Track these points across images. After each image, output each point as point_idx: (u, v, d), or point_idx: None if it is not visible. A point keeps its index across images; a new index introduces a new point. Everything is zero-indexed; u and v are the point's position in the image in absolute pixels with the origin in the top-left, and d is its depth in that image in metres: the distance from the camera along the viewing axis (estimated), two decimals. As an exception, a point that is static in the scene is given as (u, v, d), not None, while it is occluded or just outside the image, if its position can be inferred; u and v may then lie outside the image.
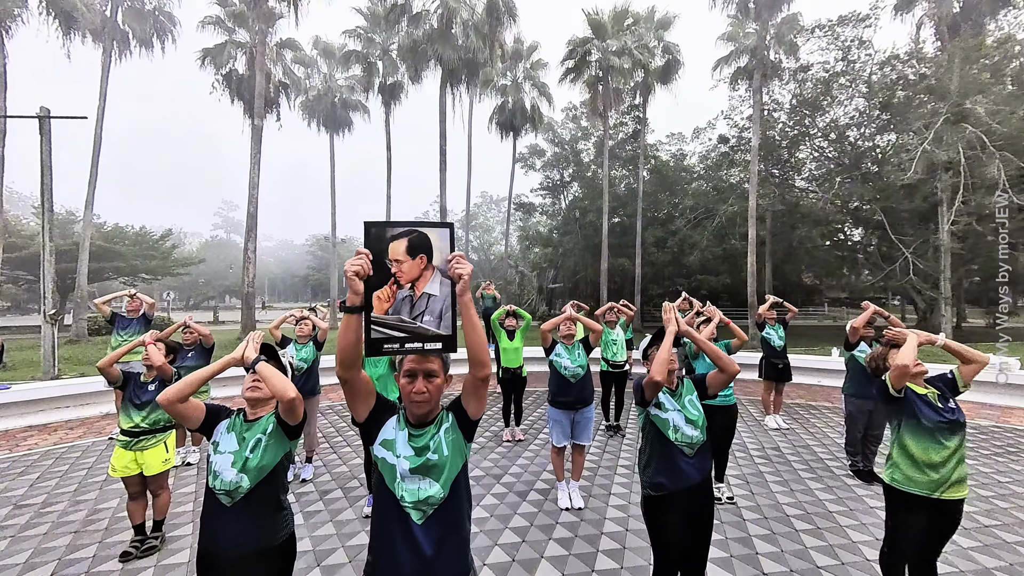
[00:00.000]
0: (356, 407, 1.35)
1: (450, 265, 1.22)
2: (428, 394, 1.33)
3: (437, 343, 1.23)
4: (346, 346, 1.22)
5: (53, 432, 5.74)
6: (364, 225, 1.20)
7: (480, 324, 1.26)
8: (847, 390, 4.22)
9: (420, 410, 1.34)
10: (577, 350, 3.69)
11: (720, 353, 1.92)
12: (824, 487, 4.02)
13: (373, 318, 1.20)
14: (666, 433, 1.97)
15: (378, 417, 1.37)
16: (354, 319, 1.20)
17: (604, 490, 3.93)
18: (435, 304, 1.24)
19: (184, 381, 1.63)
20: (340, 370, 1.26)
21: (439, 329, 1.23)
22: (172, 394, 1.60)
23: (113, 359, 2.91)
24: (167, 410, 1.61)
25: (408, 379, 1.34)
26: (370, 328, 1.20)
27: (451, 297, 1.24)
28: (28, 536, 3.21)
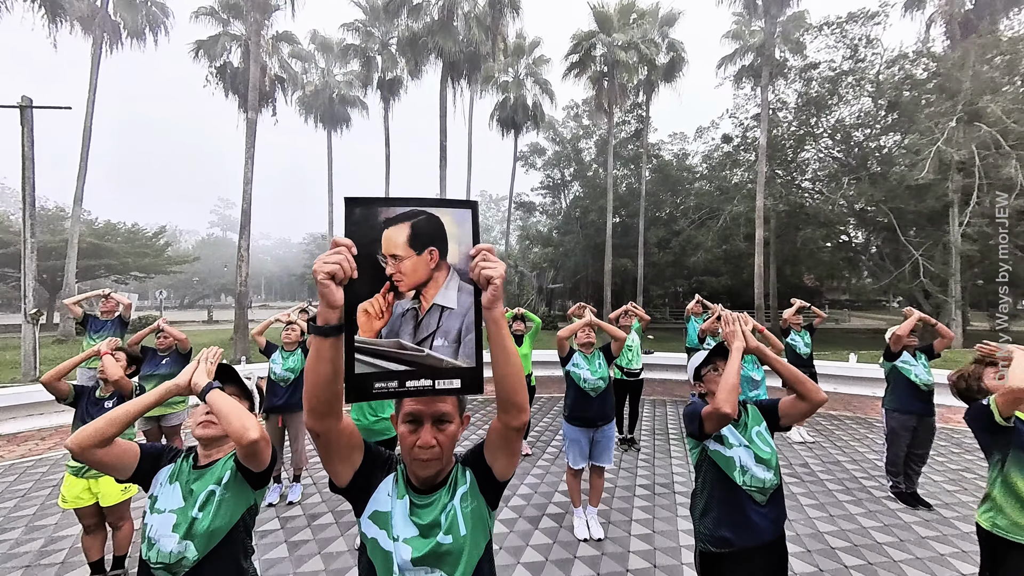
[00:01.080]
0: (335, 468, 0.95)
1: (474, 263, 0.82)
2: (438, 448, 0.93)
3: (454, 380, 0.84)
4: (318, 385, 0.82)
5: (23, 442, 5.31)
6: (345, 203, 0.80)
7: (515, 350, 0.87)
8: (889, 404, 3.84)
9: (427, 471, 0.95)
10: (598, 360, 3.29)
11: (803, 377, 1.53)
12: (865, 512, 3.64)
13: (359, 343, 0.80)
14: (731, 475, 1.58)
15: (367, 479, 0.98)
16: (329, 345, 0.80)
17: (624, 515, 3.54)
18: (451, 321, 0.84)
19: (105, 419, 1.20)
20: (310, 420, 0.86)
21: (457, 359, 0.84)
22: (85, 437, 1.17)
23: (60, 372, 2.50)
24: (81, 459, 1.20)
25: (410, 426, 0.94)
26: (354, 359, 0.80)
27: (475, 311, 0.85)
28: (-31, 573, 2.79)
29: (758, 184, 15.95)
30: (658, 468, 4.51)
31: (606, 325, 3.37)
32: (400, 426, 0.96)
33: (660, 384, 8.56)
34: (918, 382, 3.67)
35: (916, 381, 3.68)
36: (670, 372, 9.05)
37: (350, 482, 0.96)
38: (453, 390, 0.84)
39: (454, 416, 0.97)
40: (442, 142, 16.16)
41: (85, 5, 14.87)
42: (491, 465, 0.99)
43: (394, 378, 0.81)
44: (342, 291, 0.78)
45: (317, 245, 48.17)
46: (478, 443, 1.04)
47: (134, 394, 2.67)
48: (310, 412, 0.85)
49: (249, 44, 14.99)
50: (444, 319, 0.83)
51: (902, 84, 16.17)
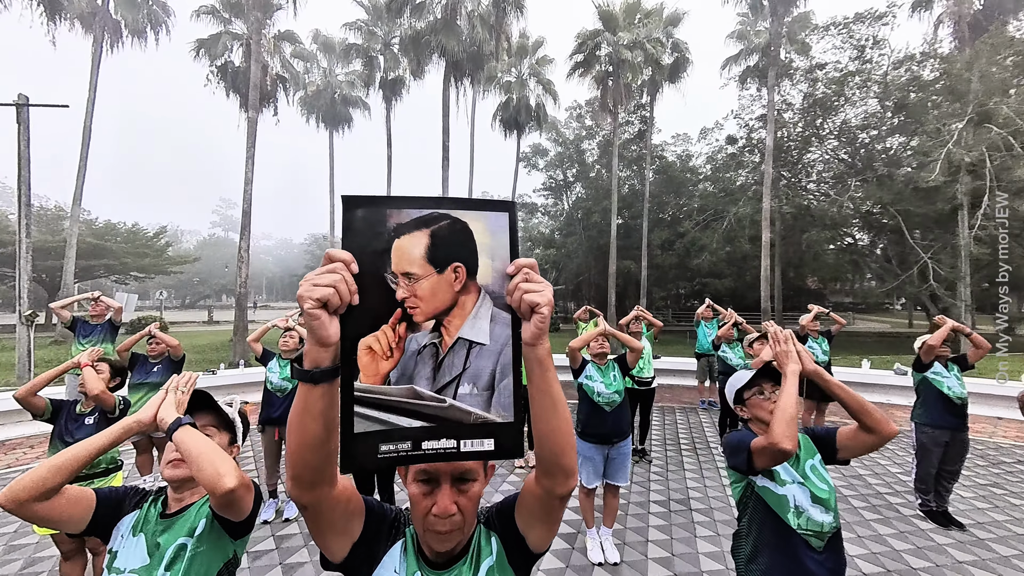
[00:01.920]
0: (327, 543, 0.76)
1: (513, 284, 0.63)
2: (460, 517, 0.74)
3: (486, 440, 0.64)
4: (304, 444, 0.63)
5: (11, 450, 5.13)
6: (344, 204, 0.61)
7: (563, 399, 0.67)
8: (919, 419, 3.64)
9: (445, 544, 0.75)
10: (612, 371, 3.09)
11: (869, 405, 1.34)
12: (895, 532, 3.43)
13: (360, 392, 0.61)
14: (783, 516, 1.38)
15: (370, 551, 0.78)
16: (319, 394, 0.60)
17: (640, 536, 3.34)
18: (483, 361, 0.64)
19: (47, 466, 0.99)
20: (294, 490, 0.66)
21: (490, 411, 0.64)
22: (22, 490, 0.95)
23: (35, 386, 2.31)
24: (18, 515, 1.00)
25: (423, 487, 0.75)
26: (353, 413, 0.60)
27: (513, 348, 0.65)
28: (-61, 600, 2.60)
29: (764, 186, 15.75)
30: (672, 482, 4.30)
31: (622, 335, 3.17)
32: (411, 486, 0.76)
33: (668, 390, 8.35)
34: (951, 395, 3.47)
35: (949, 394, 3.47)
36: (677, 377, 8.85)
37: (347, 556, 0.77)
38: (484, 453, 0.63)
39: (479, 473, 0.78)
40: (444, 142, 15.99)
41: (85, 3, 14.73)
42: (524, 534, 0.79)
43: (406, 438, 0.62)
44: (338, 323, 0.58)
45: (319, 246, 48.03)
46: (506, 501, 0.85)
47: (117, 409, 2.48)
48: (294, 480, 0.65)
49: (250, 43, 14.83)
50: (473, 358, 0.64)
51: (909, 85, 15.99)
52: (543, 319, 0.62)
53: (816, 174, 20.35)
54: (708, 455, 5.07)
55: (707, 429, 6.09)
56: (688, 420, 6.52)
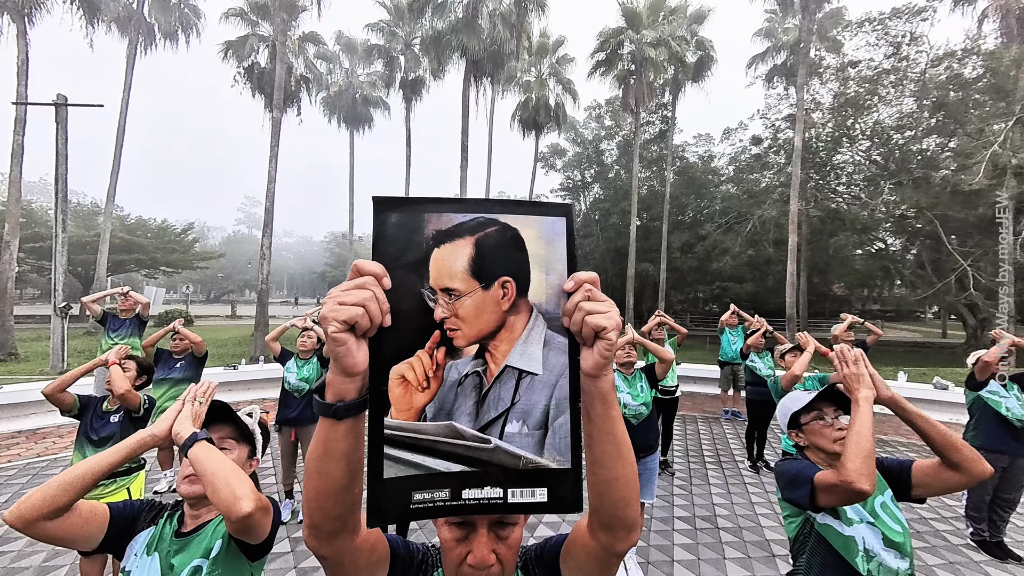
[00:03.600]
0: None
1: (572, 304, 0.52)
2: (498, 567, 0.64)
3: (538, 490, 0.53)
4: (326, 492, 0.53)
5: (41, 440, 5.28)
6: (374, 205, 0.51)
7: (629, 442, 0.56)
8: (973, 441, 3.35)
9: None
10: (640, 382, 2.95)
11: (958, 441, 1.18)
12: (944, 563, 3.18)
13: (392, 430, 0.51)
14: (851, 560, 1.23)
15: None
16: (343, 432, 0.51)
17: (664, 555, 3.18)
18: (535, 395, 0.53)
19: (56, 484, 0.94)
20: (314, 540, 0.57)
21: (542, 456, 0.53)
22: (29, 508, 0.91)
23: (64, 383, 2.32)
24: (27, 534, 0.95)
25: (457, 532, 0.65)
26: (382, 454, 0.50)
27: (570, 380, 0.54)
28: (-33, 589, 2.65)
29: (792, 188, 15.21)
30: (697, 497, 4.12)
31: (651, 344, 3.02)
32: (442, 529, 0.66)
33: (688, 398, 8.09)
34: (1010, 417, 3.19)
35: (1008, 416, 3.20)
36: (698, 385, 8.59)
37: None
38: (536, 506, 0.53)
39: (519, 516, 0.67)
40: (463, 142, 15.99)
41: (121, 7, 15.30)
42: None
43: (445, 485, 0.51)
44: (367, 348, 0.49)
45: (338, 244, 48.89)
46: (549, 546, 0.74)
47: (141, 408, 2.47)
48: (312, 530, 0.55)
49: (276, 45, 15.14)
50: (524, 391, 0.53)
51: (949, 83, 15.20)
52: (609, 346, 0.51)
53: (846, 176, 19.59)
54: (733, 469, 4.85)
55: (731, 441, 5.85)
56: (711, 430, 6.29)
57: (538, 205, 0.55)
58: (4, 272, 11.71)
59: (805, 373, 3.31)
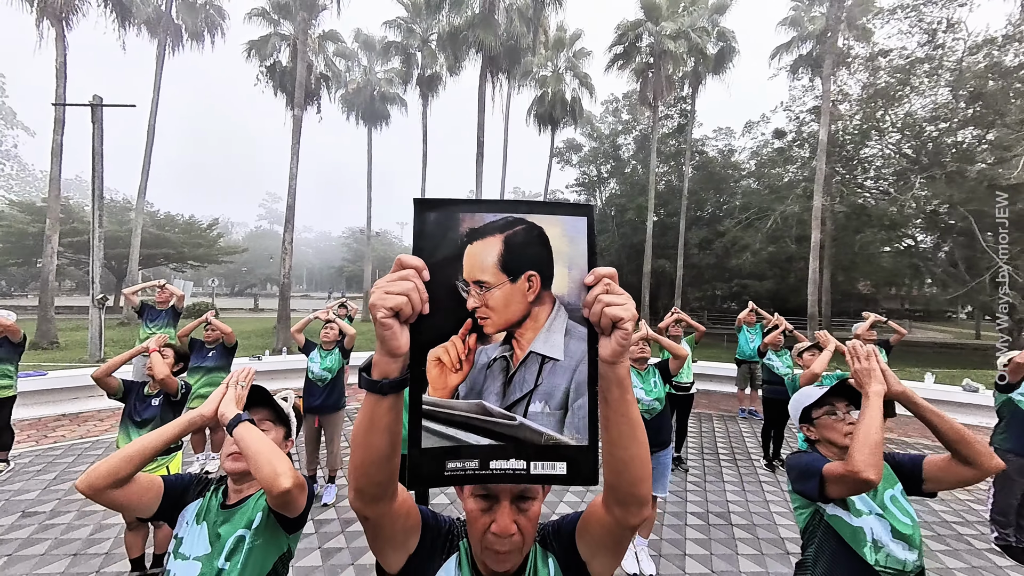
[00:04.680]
0: (385, 554, 0.74)
1: (592, 296, 0.58)
2: (519, 536, 0.70)
3: (558, 464, 0.59)
4: (370, 460, 0.61)
5: (83, 423, 5.62)
6: (415, 207, 0.58)
7: (642, 424, 0.62)
8: (1003, 444, 3.28)
9: (502, 564, 0.72)
10: (653, 378, 2.98)
11: (968, 436, 1.19)
12: (967, 567, 3.12)
13: (428, 405, 0.58)
14: (858, 551, 1.25)
15: (424, 564, 0.76)
16: (387, 407, 0.58)
17: (676, 548, 3.21)
18: (556, 378, 0.60)
19: (121, 455, 1.06)
20: (358, 502, 0.65)
21: (563, 433, 0.59)
22: (97, 478, 1.02)
23: (111, 367, 2.49)
24: (95, 500, 1.06)
25: (482, 503, 0.71)
26: (420, 427, 0.57)
27: (588, 365, 0.60)
28: (25, 556, 2.88)
29: (816, 182, 14.77)
30: (710, 494, 4.12)
31: (666, 341, 3.04)
32: (468, 501, 0.73)
33: (704, 396, 8.02)
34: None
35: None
36: (714, 383, 8.49)
37: (403, 568, 0.75)
38: (556, 478, 0.59)
39: (538, 491, 0.74)
40: (479, 137, 16.05)
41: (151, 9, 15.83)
42: (587, 560, 0.75)
43: (474, 456, 0.58)
44: (408, 332, 0.55)
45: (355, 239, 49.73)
46: (566, 521, 0.80)
47: (179, 392, 2.64)
48: (357, 494, 0.64)
49: (297, 43, 15.46)
50: (546, 375, 0.59)
51: (988, 72, 14.43)
52: (625, 335, 0.56)
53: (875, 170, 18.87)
54: (749, 467, 4.82)
55: (747, 439, 5.80)
56: (727, 428, 6.24)
57: (562, 206, 0.60)
58: (46, 266, 12.37)
59: (824, 372, 3.28)
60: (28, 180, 41.98)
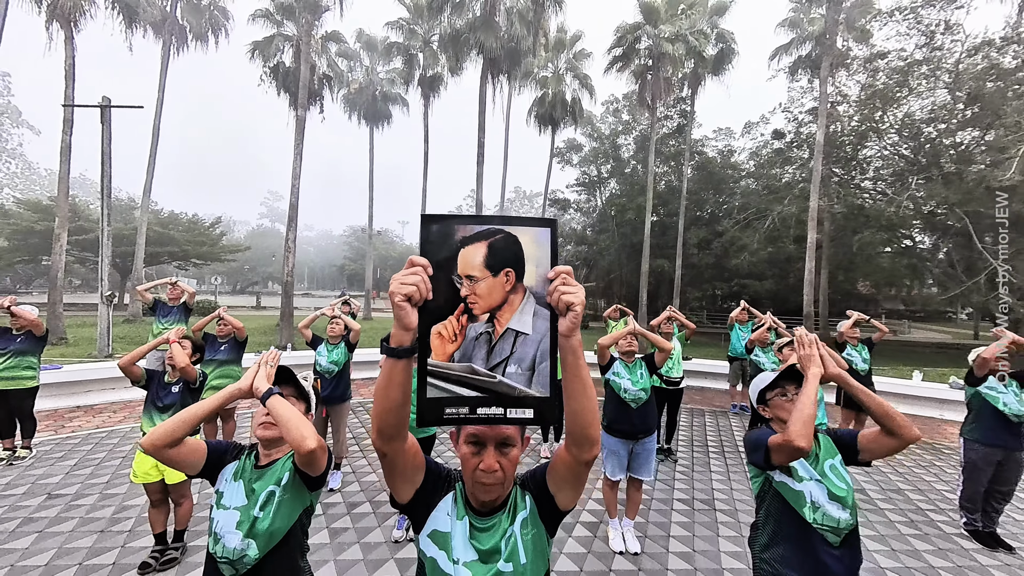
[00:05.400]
0: (397, 486, 0.95)
1: (552, 287, 0.78)
2: (501, 473, 0.90)
3: (526, 409, 0.80)
4: (388, 408, 0.81)
5: (98, 414, 5.84)
6: (422, 220, 0.78)
7: (591, 382, 0.82)
8: (970, 435, 3.48)
9: (489, 495, 0.92)
10: (640, 369, 3.18)
11: (892, 410, 1.39)
12: (934, 549, 3.32)
13: (431, 367, 0.78)
14: (800, 511, 1.46)
15: (428, 497, 0.97)
16: (401, 368, 0.79)
17: (661, 530, 3.42)
18: (526, 348, 0.80)
19: (176, 420, 1.27)
20: (378, 440, 0.86)
21: (531, 387, 0.80)
22: (159, 437, 1.24)
23: (135, 357, 2.70)
24: (154, 457, 1.27)
25: (472, 448, 0.92)
26: (425, 382, 0.78)
27: (550, 338, 0.80)
28: (54, 532, 3.10)
29: (813, 183, 14.92)
30: (697, 482, 4.33)
31: (652, 335, 3.24)
32: (462, 447, 0.93)
33: (698, 393, 8.23)
34: (1007, 412, 3.29)
35: (1005, 411, 3.30)
36: (709, 380, 8.69)
37: (411, 500, 0.95)
38: (525, 420, 0.80)
39: (517, 440, 0.94)
40: (480, 138, 16.23)
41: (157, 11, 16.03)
42: (554, 494, 0.95)
43: (465, 404, 0.79)
44: (416, 313, 0.76)
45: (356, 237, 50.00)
46: (539, 467, 1.01)
47: (198, 380, 2.85)
48: (378, 433, 0.84)
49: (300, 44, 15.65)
50: (519, 345, 0.80)
51: (986, 74, 14.56)
52: (576, 316, 0.76)
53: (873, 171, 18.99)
54: (736, 458, 5.02)
55: (736, 432, 6.00)
56: (718, 423, 6.44)
57: (531, 220, 0.81)
58: (55, 263, 12.60)
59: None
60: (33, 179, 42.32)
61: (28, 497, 3.57)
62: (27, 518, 3.27)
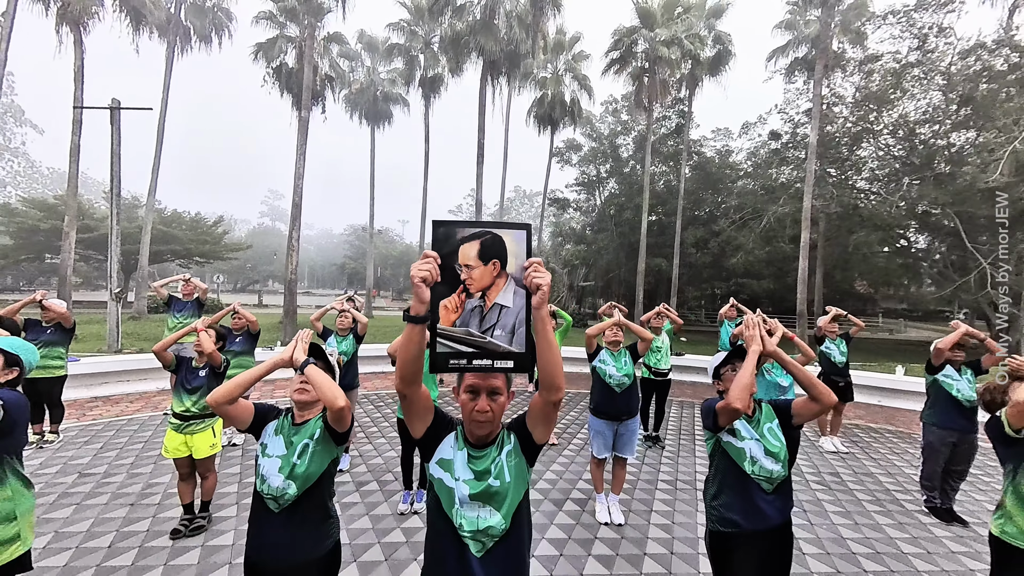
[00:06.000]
0: (413, 423, 1.24)
1: (527, 273, 1.07)
2: (491, 413, 1.20)
3: (508, 361, 1.10)
4: (408, 360, 1.11)
5: (116, 404, 6.14)
6: (432, 225, 1.08)
7: (556, 343, 1.12)
8: (928, 419, 3.78)
9: (481, 431, 1.22)
10: (624, 357, 3.48)
11: (815, 380, 1.68)
12: (894, 523, 3.63)
13: (440, 330, 1.08)
14: (741, 464, 1.76)
15: (436, 433, 1.26)
16: (418, 330, 1.09)
17: (645, 506, 3.72)
18: (507, 317, 1.10)
19: (233, 382, 1.58)
20: (400, 385, 1.16)
21: (511, 345, 1.09)
22: (220, 396, 1.55)
23: (167, 344, 3.00)
24: (216, 411, 1.57)
25: (470, 395, 1.21)
26: (436, 341, 1.08)
27: (526, 310, 1.10)
28: (90, 505, 3.40)
29: (806, 184, 15.21)
30: (681, 465, 4.63)
31: (633, 326, 3.54)
32: (462, 395, 1.23)
33: (690, 387, 8.54)
34: (960, 398, 3.59)
35: (958, 397, 3.60)
36: (701, 375, 8.98)
37: (423, 435, 1.25)
38: (507, 369, 1.10)
39: (504, 390, 1.24)
40: (480, 139, 16.52)
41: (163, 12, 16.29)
42: (532, 431, 1.25)
43: (464, 357, 1.08)
44: (429, 291, 1.05)
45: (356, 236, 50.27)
46: (520, 415, 1.31)
47: (223, 366, 3.15)
48: (401, 379, 1.14)
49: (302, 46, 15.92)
50: (502, 315, 1.09)
51: (978, 76, 14.83)
52: (544, 294, 1.06)
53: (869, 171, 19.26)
54: (721, 446, 5.32)
55: (724, 423, 6.29)
56: (706, 414, 6.74)
57: (513, 224, 1.10)
58: (64, 261, 12.91)
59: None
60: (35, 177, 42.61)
61: (61, 475, 3.87)
62: (63, 493, 3.57)
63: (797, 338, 3.66)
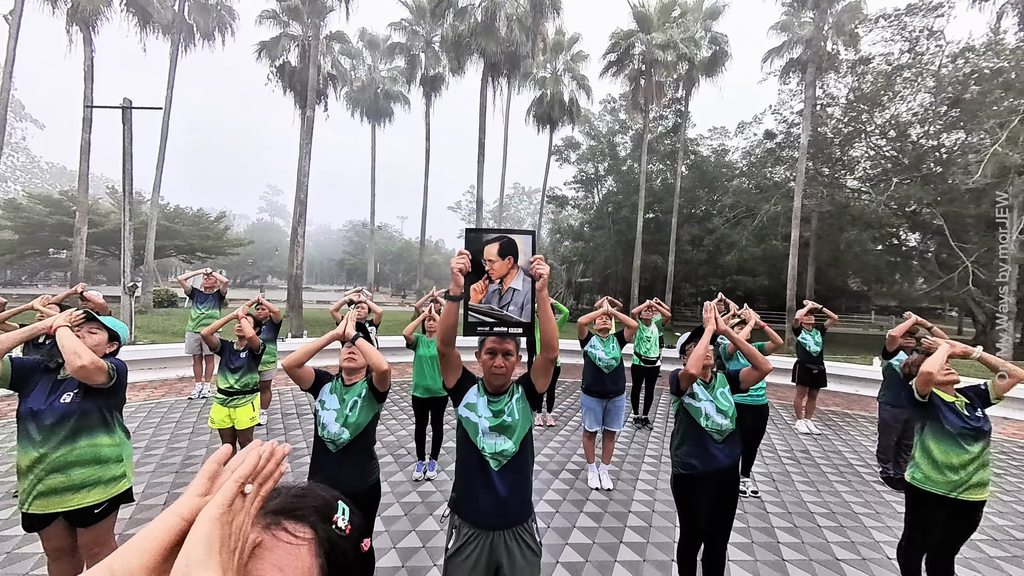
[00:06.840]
0: (448, 376, 1.68)
1: (532, 266, 1.51)
2: (505, 369, 1.64)
3: (519, 329, 1.54)
4: (447, 327, 1.55)
5: (141, 390, 6.56)
6: (465, 232, 1.51)
7: (553, 316, 1.56)
8: (882, 398, 4.25)
9: (498, 382, 1.66)
10: (612, 343, 3.93)
11: (754, 351, 2.13)
12: (852, 490, 4.10)
13: (470, 306, 1.52)
14: (698, 420, 2.21)
15: (463, 385, 1.70)
16: (455, 306, 1.52)
17: (632, 475, 4.19)
18: (518, 297, 1.53)
19: (301, 350, 2.01)
20: (441, 345, 1.60)
21: (521, 317, 1.53)
22: (291, 360, 1.98)
23: (213, 329, 3.42)
24: (288, 373, 2.00)
25: (490, 356, 1.65)
26: (468, 313, 1.51)
27: (531, 292, 1.54)
28: (140, 472, 3.83)
29: (796, 183, 15.67)
30: (667, 444, 5.08)
31: (620, 315, 3.99)
32: (483, 355, 1.67)
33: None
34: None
35: (908, 378, 4.06)
36: (691, 366, 9.45)
37: (455, 385, 1.69)
38: (518, 335, 1.54)
39: (515, 352, 1.68)
40: (480, 139, 16.89)
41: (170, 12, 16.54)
42: (534, 381, 1.69)
43: (487, 325, 1.53)
44: (463, 277, 1.49)
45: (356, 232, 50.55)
46: (525, 373, 1.75)
47: (261, 348, 3.58)
48: (442, 341, 1.58)
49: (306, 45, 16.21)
50: (515, 296, 1.53)
51: (968, 79, 15.26)
52: (544, 280, 1.50)
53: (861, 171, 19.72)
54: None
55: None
56: (693, 401, 7.21)
57: (522, 231, 1.54)
58: (76, 256, 13.26)
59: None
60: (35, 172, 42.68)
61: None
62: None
63: (767, 326, 4.12)
